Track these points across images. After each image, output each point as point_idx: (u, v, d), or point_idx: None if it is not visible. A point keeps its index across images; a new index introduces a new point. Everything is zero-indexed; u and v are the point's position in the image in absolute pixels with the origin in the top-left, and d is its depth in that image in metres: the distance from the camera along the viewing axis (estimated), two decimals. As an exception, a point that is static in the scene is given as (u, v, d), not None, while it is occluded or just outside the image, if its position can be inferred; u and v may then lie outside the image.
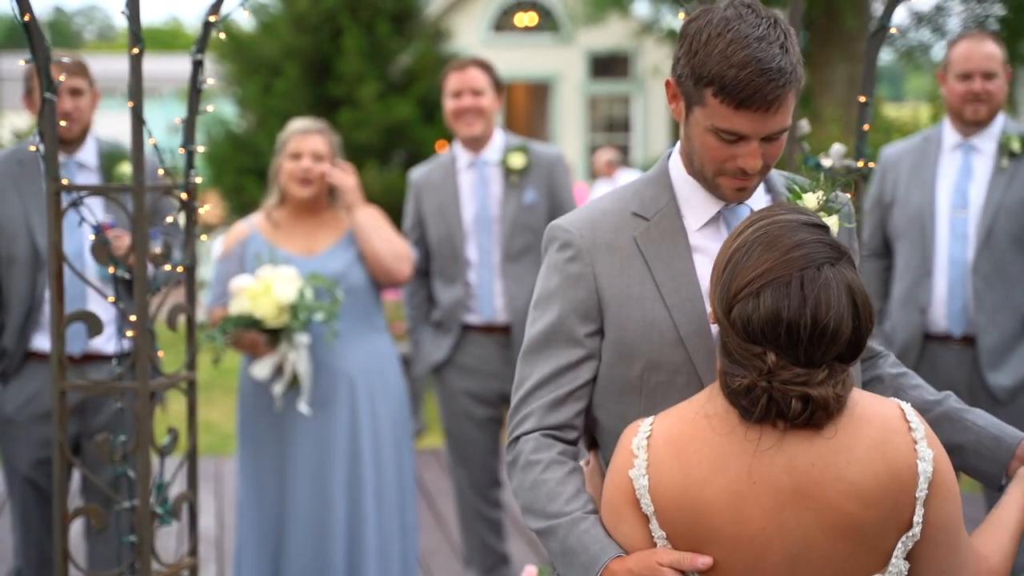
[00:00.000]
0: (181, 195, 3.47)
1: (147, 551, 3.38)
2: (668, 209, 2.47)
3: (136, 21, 3.24)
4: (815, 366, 2.13)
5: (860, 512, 2.15)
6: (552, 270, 2.48)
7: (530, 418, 2.44)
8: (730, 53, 2.28)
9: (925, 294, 4.99)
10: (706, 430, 2.20)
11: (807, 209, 2.31)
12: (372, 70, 15.47)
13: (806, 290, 2.11)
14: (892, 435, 2.18)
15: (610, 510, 2.28)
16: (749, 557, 2.18)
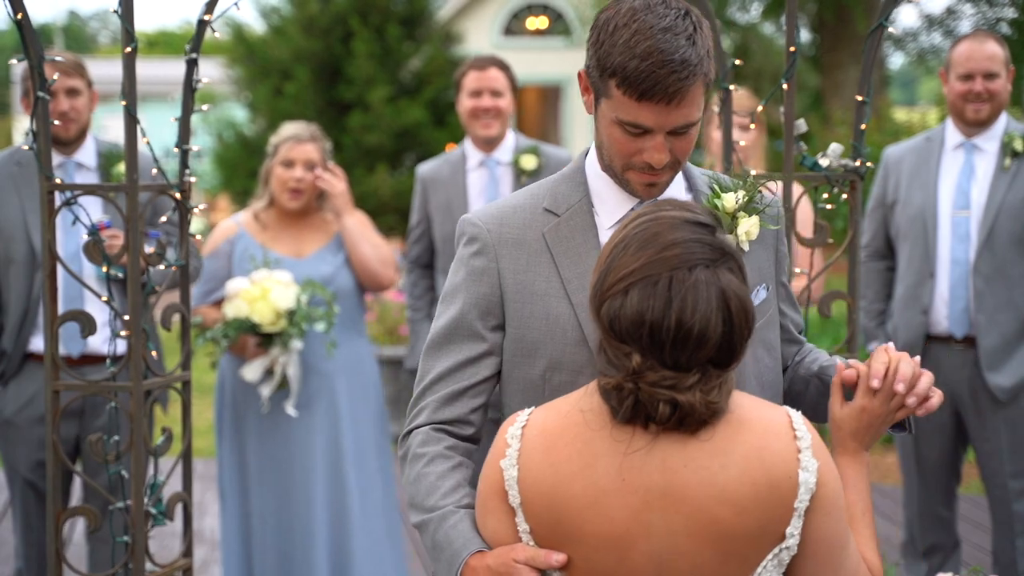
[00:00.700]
0: (175, 194, 3.45)
1: (141, 551, 3.37)
2: (580, 206, 2.44)
3: (129, 20, 3.25)
4: (684, 370, 2.05)
5: (731, 519, 2.06)
6: (459, 264, 2.45)
7: (424, 412, 2.40)
8: (633, 43, 2.24)
9: (927, 295, 4.96)
10: (580, 424, 2.12)
11: (695, 205, 2.21)
12: (382, 73, 15.49)
13: (672, 291, 2.04)
14: (773, 442, 2.09)
15: (480, 502, 2.22)
16: (612, 557, 2.10)
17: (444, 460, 2.35)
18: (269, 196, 5.14)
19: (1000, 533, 5.00)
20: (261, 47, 16.17)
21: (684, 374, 2.04)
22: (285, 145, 5.09)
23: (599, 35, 2.31)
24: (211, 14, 3.40)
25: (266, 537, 5.02)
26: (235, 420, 5.06)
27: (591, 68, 2.34)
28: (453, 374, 2.41)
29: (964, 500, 6.72)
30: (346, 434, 5.06)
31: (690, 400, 2.04)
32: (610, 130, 2.34)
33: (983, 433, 4.96)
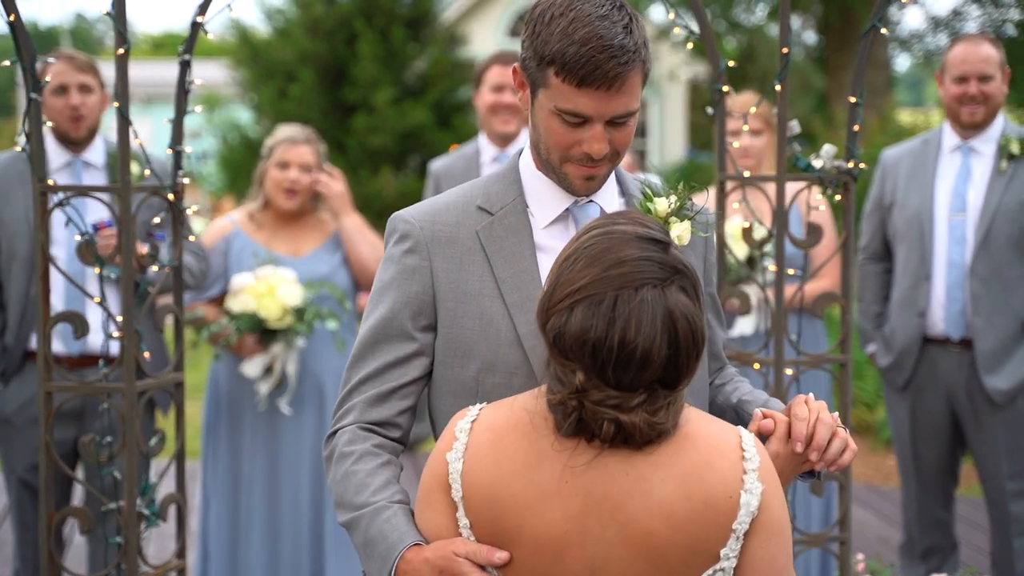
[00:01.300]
0: (168, 196, 3.45)
1: (133, 552, 3.37)
2: (515, 205, 2.40)
3: (122, 21, 3.25)
4: (628, 390, 2.01)
5: (664, 533, 2.03)
6: (389, 262, 2.40)
7: (351, 412, 2.35)
8: (571, 31, 2.22)
9: (923, 297, 4.96)
10: (527, 424, 2.09)
11: (650, 220, 2.14)
12: (387, 75, 15.49)
13: (617, 311, 1.99)
14: (717, 461, 2.05)
15: (422, 494, 2.17)
16: (548, 560, 2.07)
17: (372, 457, 2.30)
18: (264, 197, 5.14)
19: (998, 534, 4.99)
20: (266, 49, 16.19)
21: (629, 394, 2.01)
22: (280, 147, 5.10)
23: (535, 27, 2.29)
24: (204, 16, 3.40)
25: (252, 538, 5.02)
26: (229, 420, 5.06)
27: (527, 60, 2.31)
28: (381, 375, 2.35)
29: (963, 502, 6.71)
30: None
31: (634, 421, 2.00)
32: (548, 122, 2.30)
33: (980, 435, 4.95)
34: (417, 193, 15.49)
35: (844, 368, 3.63)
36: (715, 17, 20.87)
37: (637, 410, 2.00)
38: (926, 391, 5.04)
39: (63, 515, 3.41)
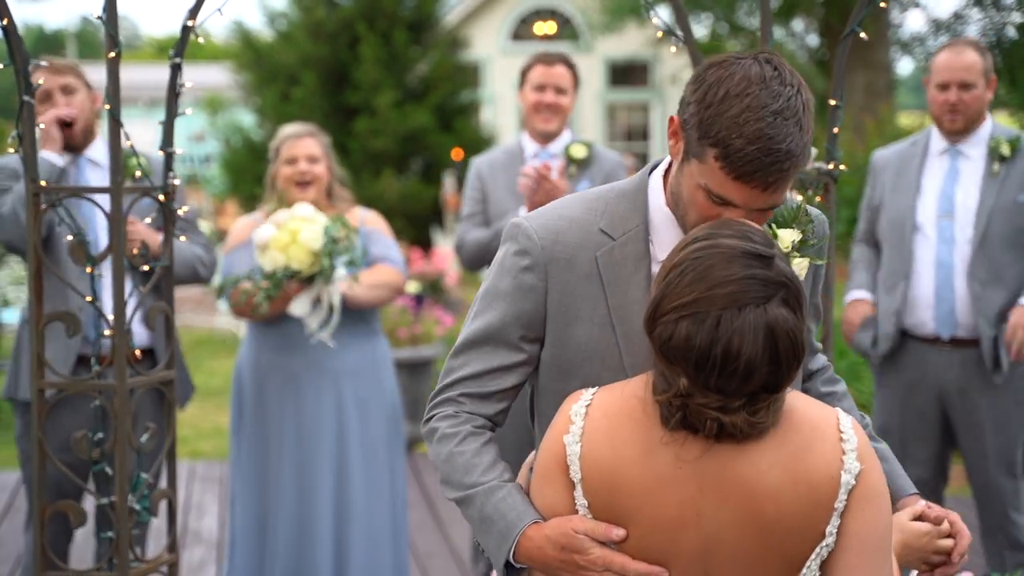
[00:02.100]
0: (159, 196, 3.51)
1: (125, 547, 3.43)
2: (636, 232, 2.39)
3: (113, 25, 3.31)
4: (731, 396, 2.11)
5: (774, 515, 2.15)
6: (505, 271, 2.42)
7: (451, 403, 2.43)
8: (742, 121, 2.16)
9: (900, 298, 5.02)
10: (640, 413, 2.20)
11: (756, 231, 2.18)
12: (389, 78, 15.57)
13: (720, 330, 2.06)
14: (818, 443, 2.17)
15: (540, 473, 2.29)
16: (664, 539, 2.19)
17: (475, 438, 2.39)
18: (278, 197, 5.18)
19: (989, 525, 5.05)
20: (268, 52, 16.28)
21: (731, 398, 2.11)
22: (286, 144, 5.15)
23: (706, 95, 2.21)
24: (195, 19, 3.46)
25: (271, 536, 5.07)
26: (246, 418, 5.09)
27: (689, 123, 2.24)
28: (484, 377, 2.42)
29: (953, 501, 6.76)
30: (351, 433, 5.08)
31: (735, 421, 2.12)
32: (694, 192, 2.27)
33: (970, 432, 5.01)
34: (418, 196, 15.57)
35: (825, 366, 3.68)
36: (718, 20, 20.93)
37: (739, 411, 2.12)
38: (916, 390, 5.09)
39: (55, 509, 3.47)
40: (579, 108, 23.52)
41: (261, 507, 5.10)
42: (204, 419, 10.11)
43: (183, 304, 15.50)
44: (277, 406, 5.05)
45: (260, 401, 5.08)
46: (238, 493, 5.16)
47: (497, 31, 23.05)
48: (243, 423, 5.14)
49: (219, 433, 9.58)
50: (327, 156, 5.18)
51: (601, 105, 23.66)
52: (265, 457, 5.08)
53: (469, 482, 2.35)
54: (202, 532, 7.05)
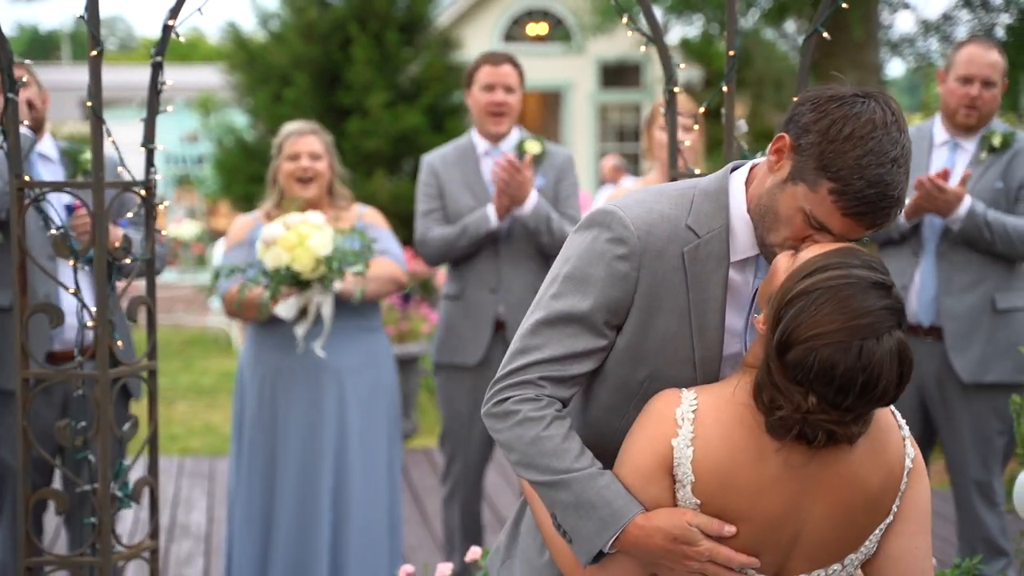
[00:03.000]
0: (140, 192, 3.60)
1: (107, 532, 3.52)
2: (719, 233, 2.48)
3: (95, 25, 3.40)
4: (851, 412, 2.28)
5: (862, 504, 2.37)
6: (598, 257, 2.47)
7: (531, 386, 2.45)
8: (865, 164, 2.28)
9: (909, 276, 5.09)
10: (750, 420, 2.34)
11: (876, 261, 2.32)
12: (381, 79, 15.61)
13: (863, 359, 2.21)
14: (890, 436, 2.41)
15: (641, 471, 2.39)
16: (766, 533, 2.37)
17: (561, 423, 2.44)
18: (278, 194, 5.23)
19: (964, 517, 5.13)
20: (261, 53, 16.32)
21: (850, 414, 2.28)
22: (288, 141, 5.21)
23: (830, 128, 2.32)
24: (175, 19, 3.55)
25: (272, 532, 5.12)
26: (248, 417, 5.15)
27: (805, 150, 2.34)
28: (566, 360, 2.46)
29: (934, 496, 6.85)
30: (352, 430, 5.13)
31: (847, 433, 2.30)
32: (792, 214, 2.37)
33: (949, 423, 5.10)
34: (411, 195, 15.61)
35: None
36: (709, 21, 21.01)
37: (852, 424, 2.30)
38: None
39: (40, 497, 3.56)
40: (571, 109, 23.61)
41: (266, 505, 5.15)
42: (195, 417, 10.20)
43: (175, 303, 15.58)
44: (281, 406, 5.10)
45: (263, 401, 5.13)
46: (239, 492, 5.21)
47: (490, 32, 23.13)
48: (246, 424, 5.19)
49: (209, 430, 9.66)
50: (329, 154, 5.23)
51: (593, 106, 23.75)
52: (271, 456, 5.13)
53: (562, 467, 2.40)
54: (190, 526, 7.13)
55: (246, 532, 5.17)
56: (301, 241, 4.80)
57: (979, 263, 5.00)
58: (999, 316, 5.01)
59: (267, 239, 4.85)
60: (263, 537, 5.16)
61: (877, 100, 2.34)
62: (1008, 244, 4.92)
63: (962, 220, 4.90)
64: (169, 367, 12.43)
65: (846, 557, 2.42)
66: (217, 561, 6.46)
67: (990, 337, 5.00)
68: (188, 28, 3.56)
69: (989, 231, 4.90)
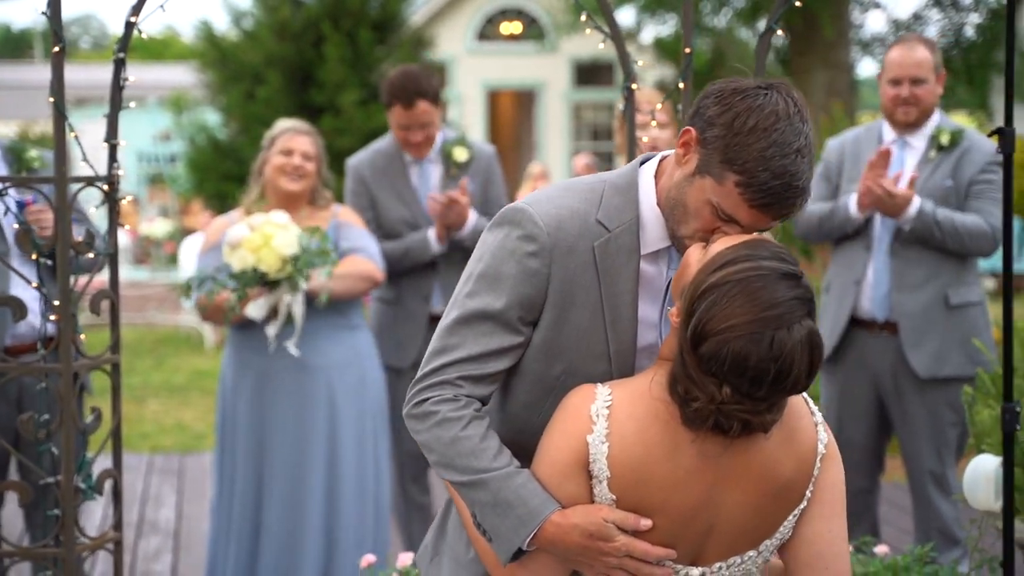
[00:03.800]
0: (103, 186, 3.64)
1: (70, 524, 3.55)
2: (630, 226, 2.49)
3: (57, 20, 3.44)
4: (765, 402, 2.30)
5: (775, 492, 2.40)
6: (509, 255, 2.47)
7: (449, 385, 2.46)
8: (769, 156, 2.30)
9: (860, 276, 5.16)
10: (666, 415, 2.36)
11: (785, 251, 2.34)
12: (354, 78, 15.65)
13: (775, 350, 2.23)
14: (801, 422, 2.44)
15: (557, 468, 2.41)
16: (681, 525, 2.39)
17: (479, 423, 2.44)
18: (261, 187, 5.25)
19: (920, 508, 5.21)
20: (233, 52, 16.34)
21: (764, 403, 2.30)
22: (283, 136, 5.22)
23: (734, 121, 2.34)
24: (138, 16, 3.58)
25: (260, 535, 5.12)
26: (232, 417, 5.15)
27: (711, 143, 2.36)
28: (484, 359, 2.46)
29: (893, 487, 6.95)
30: (343, 428, 5.15)
31: (761, 421, 2.32)
32: (701, 206, 2.39)
33: (904, 416, 5.17)
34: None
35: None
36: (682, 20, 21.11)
37: (766, 413, 2.32)
38: (853, 375, 5.25)
39: (2, 488, 3.59)
40: (544, 107, 23.67)
41: (254, 507, 5.15)
42: (166, 415, 10.22)
43: (147, 302, 15.57)
44: (268, 408, 5.11)
45: (250, 405, 5.14)
46: (224, 495, 5.21)
47: (463, 31, 23.18)
48: (232, 427, 5.19)
49: (180, 428, 9.68)
50: (319, 159, 5.26)
51: (566, 105, 23.82)
52: (260, 458, 5.14)
53: (480, 467, 2.40)
54: (159, 522, 7.16)
55: (232, 534, 5.17)
56: (266, 242, 4.82)
57: (931, 259, 5.07)
58: (952, 311, 5.09)
59: (232, 241, 4.87)
60: (251, 538, 5.17)
61: (780, 92, 2.37)
62: (958, 241, 5.01)
63: (912, 220, 4.99)
64: (141, 365, 12.43)
65: (761, 543, 2.44)
66: (186, 557, 6.50)
67: (944, 332, 5.07)
68: (162, 27, 3.60)
69: (939, 230, 4.99)
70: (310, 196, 5.27)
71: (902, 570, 3.96)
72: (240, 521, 5.16)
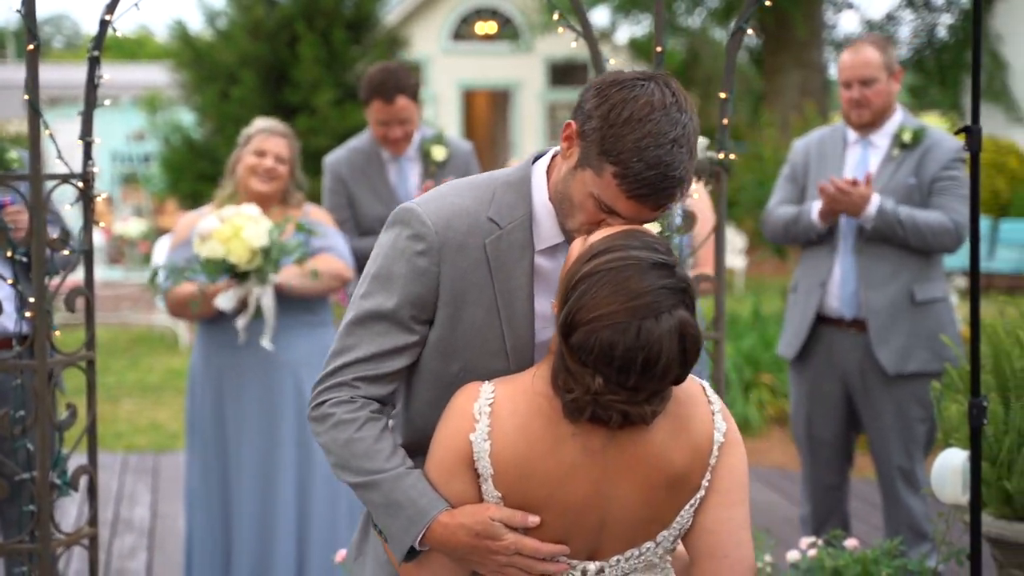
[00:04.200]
0: (78, 184, 3.65)
1: (46, 520, 3.57)
2: (522, 222, 2.50)
3: (32, 18, 3.45)
4: (642, 392, 2.29)
5: (666, 483, 2.39)
6: (399, 255, 2.49)
7: (346, 387, 2.48)
8: (643, 146, 2.30)
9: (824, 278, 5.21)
10: (548, 410, 2.36)
11: (658, 242, 2.34)
12: (328, 77, 15.65)
13: (642, 339, 2.22)
14: (695, 411, 2.44)
15: (444, 467, 2.41)
16: (571, 520, 2.39)
17: (375, 424, 2.46)
18: (234, 185, 5.25)
19: (889, 504, 5.26)
20: (207, 51, 16.32)
21: (641, 394, 2.29)
22: (259, 136, 5.23)
23: (610, 113, 2.34)
24: (112, 14, 3.60)
25: (233, 531, 5.13)
26: (202, 414, 5.16)
27: (589, 136, 2.37)
28: (378, 359, 2.47)
29: (863, 483, 7.00)
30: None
31: (642, 412, 2.31)
32: (583, 198, 2.40)
33: (872, 412, 5.22)
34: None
35: (718, 345, 3.88)
36: (656, 20, 21.17)
37: (644, 404, 2.31)
38: (822, 372, 5.30)
39: (-23, 485, 3.60)
40: (519, 107, 23.71)
41: (224, 502, 5.16)
42: (140, 415, 10.20)
43: (121, 302, 15.53)
44: (235, 402, 5.12)
45: (217, 399, 5.15)
46: (197, 492, 5.22)
47: (438, 31, 23.19)
48: (201, 422, 5.20)
49: (155, 428, 9.67)
50: (293, 161, 5.26)
51: (541, 105, 23.86)
52: (225, 455, 5.15)
53: (373, 468, 2.42)
54: (134, 520, 7.16)
55: (206, 530, 5.18)
56: (236, 233, 4.83)
57: (896, 257, 5.13)
58: (918, 308, 5.14)
59: (202, 233, 4.89)
60: (224, 533, 5.18)
61: (658, 82, 2.36)
62: (921, 239, 5.07)
63: (873, 219, 5.05)
64: (115, 365, 12.40)
65: (658, 534, 2.43)
66: (161, 555, 6.50)
67: (911, 329, 5.13)
68: (136, 26, 3.61)
69: (902, 227, 5.05)
70: (281, 196, 5.28)
71: (871, 563, 4.01)
72: (211, 517, 5.17)
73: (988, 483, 3.74)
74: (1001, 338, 3.90)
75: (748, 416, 9.00)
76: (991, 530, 3.74)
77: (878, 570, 3.96)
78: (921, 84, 21.55)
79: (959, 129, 3.57)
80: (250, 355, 5.10)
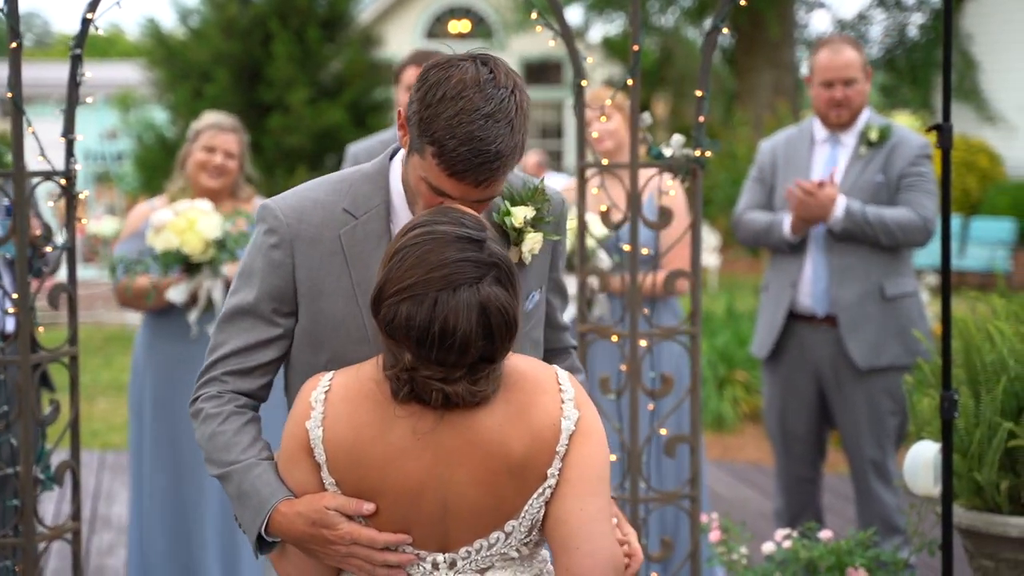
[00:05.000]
0: (61, 181, 3.68)
1: (30, 514, 3.59)
2: (378, 211, 2.55)
3: (15, 17, 3.47)
4: (451, 367, 2.29)
5: (506, 469, 2.36)
6: (257, 250, 2.57)
7: (216, 382, 2.55)
8: (455, 123, 2.32)
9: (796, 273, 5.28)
10: (376, 394, 2.38)
11: (469, 217, 2.35)
12: (302, 76, 15.66)
13: (437, 310, 2.24)
14: (540, 397, 2.41)
15: (287, 456, 2.45)
16: (407, 506, 2.38)
17: (238, 417, 2.52)
18: (184, 180, 5.28)
19: (861, 497, 5.33)
20: (181, 49, 16.30)
21: (452, 370, 2.30)
22: (207, 132, 5.25)
23: (426, 95, 2.36)
24: (94, 12, 3.63)
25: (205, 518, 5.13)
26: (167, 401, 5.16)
27: (411, 119, 2.41)
28: (246, 352, 2.55)
29: (836, 479, 7.08)
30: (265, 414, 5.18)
31: (457, 391, 2.31)
32: (418, 182, 2.44)
33: (844, 406, 5.29)
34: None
35: (695, 340, 3.93)
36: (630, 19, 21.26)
37: (460, 382, 2.31)
38: (795, 368, 5.36)
39: (-39, 480, 3.62)
40: (493, 106, 23.73)
41: (177, 495, 5.16)
42: (115, 413, 10.19)
43: (95, 300, 15.50)
44: (182, 394, 5.11)
45: (164, 391, 5.16)
46: (145, 486, 5.22)
47: (412, 29, 23.20)
48: (146, 415, 5.20)
49: (129, 424, 9.67)
50: (242, 155, 5.30)
51: (515, 103, 23.87)
52: (177, 446, 5.15)
53: (229, 460, 2.48)
54: (111, 518, 7.18)
55: (158, 523, 5.17)
56: (190, 225, 4.89)
57: (865, 254, 5.19)
58: (888, 303, 5.21)
59: (157, 225, 4.94)
60: (179, 526, 5.17)
61: (476, 61, 2.38)
62: (890, 236, 5.14)
63: (842, 221, 5.12)
64: (90, 363, 12.38)
65: (506, 524, 2.40)
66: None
67: (881, 323, 5.20)
68: (107, 24, 3.64)
69: (870, 227, 5.11)
70: (231, 190, 5.32)
71: (845, 554, 4.07)
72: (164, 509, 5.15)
73: (959, 475, 3.81)
74: (972, 333, 3.97)
75: (722, 412, 9.08)
76: (962, 521, 3.80)
77: (852, 560, 4.02)
78: (892, 83, 21.71)
79: (930, 127, 3.63)
80: (201, 348, 5.08)
